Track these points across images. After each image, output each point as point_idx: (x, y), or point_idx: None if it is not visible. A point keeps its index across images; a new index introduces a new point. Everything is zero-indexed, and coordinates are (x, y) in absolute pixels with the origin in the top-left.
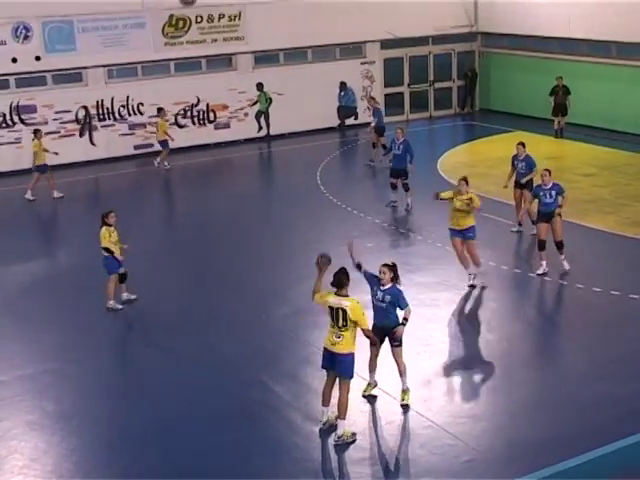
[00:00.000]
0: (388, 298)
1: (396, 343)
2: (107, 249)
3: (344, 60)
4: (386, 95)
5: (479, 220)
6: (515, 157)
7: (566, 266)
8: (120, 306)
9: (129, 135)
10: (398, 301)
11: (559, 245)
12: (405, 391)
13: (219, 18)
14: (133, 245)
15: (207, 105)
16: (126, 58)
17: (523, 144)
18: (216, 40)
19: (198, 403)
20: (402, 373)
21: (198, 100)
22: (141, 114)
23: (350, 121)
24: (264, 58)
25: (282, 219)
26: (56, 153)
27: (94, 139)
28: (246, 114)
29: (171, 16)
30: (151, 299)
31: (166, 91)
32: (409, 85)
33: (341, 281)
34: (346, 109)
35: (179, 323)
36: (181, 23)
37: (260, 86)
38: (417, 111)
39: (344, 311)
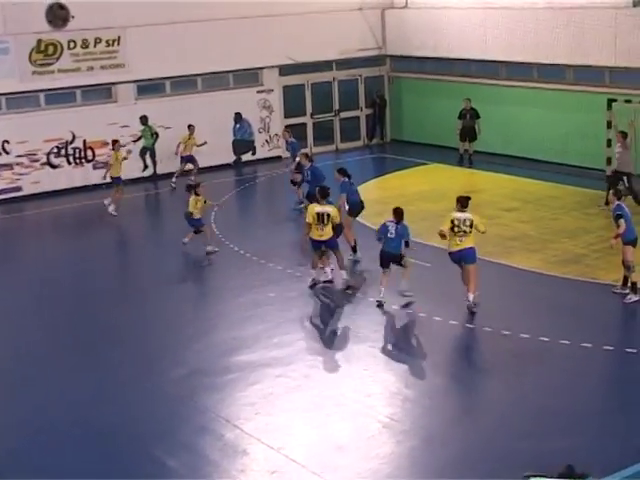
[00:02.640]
0: (394, 230)
1: (402, 264)
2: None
3: (239, 89)
4: (287, 127)
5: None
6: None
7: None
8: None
9: None
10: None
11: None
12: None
13: (95, 43)
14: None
15: (84, 142)
16: None
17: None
18: (92, 68)
19: None
20: (406, 276)
21: (73, 136)
22: (7, 153)
23: (247, 157)
24: (148, 88)
25: (172, 269)
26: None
27: None
28: (129, 151)
29: (39, 41)
30: (17, 364)
31: (36, 126)
32: (312, 115)
33: (323, 193)
34: (242, 143)
35: (52, 392)
36: (51, 49)
37: (144, 119)
38: (321, 144)
39: (328, 215)
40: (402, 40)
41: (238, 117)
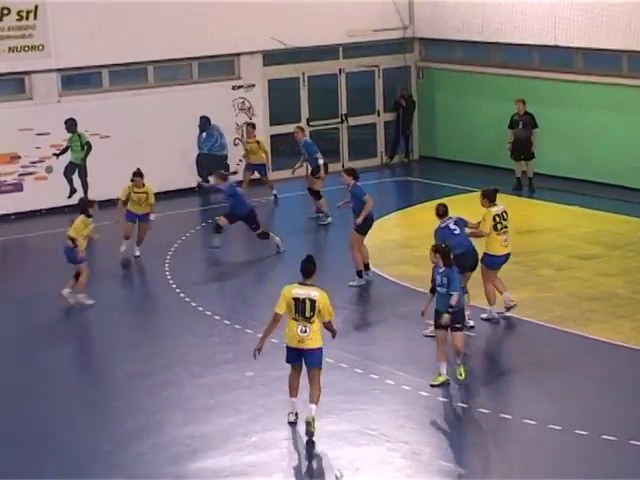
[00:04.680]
0: (445, 281)
1: (457, 327)
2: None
3: (206, 83)
4: (273, 137)
5: None
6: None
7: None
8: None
9: None
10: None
11: None
12: (460, 365)
13: (2, 15)
14: None
15: None
16: None
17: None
18: None
19: None
20: (460, 352)
21: None
22: None
23: None
24: (77, 80)
25: (105, 335)
26: None
27: None
28: (49, 169)
29: None
30: None
31: None
32: (309, 122)
33: (309, 270)
34: (210, 159)
35: None
36: None
37: (72, 124)
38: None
39: (312, 301)
40: (437, 18)
41: (205, 123)
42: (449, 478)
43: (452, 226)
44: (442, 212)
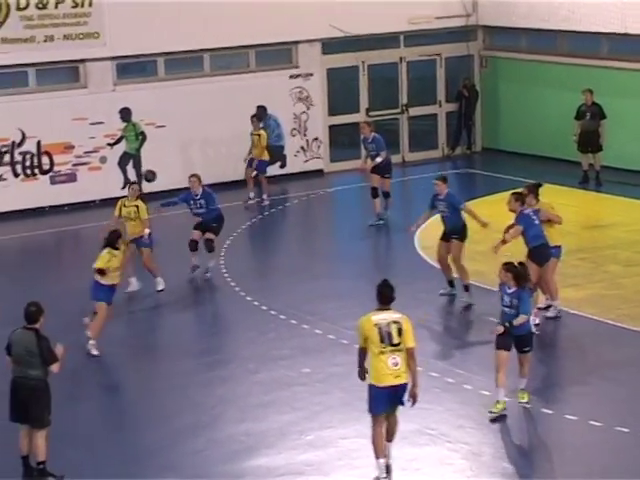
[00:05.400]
0: (515, 302)
1: (525, 350)
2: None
3: (263, 72)
4: (332, 128)
5: None
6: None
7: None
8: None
9: None
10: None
11: None
12: (523, 390)
13: (57, 2)
14: None
15: (38, 144)
16: None
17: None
18: (52, 38)
19: None
20: (525, 374)
21: (23, 136)
22: None
23: (274, 169)
24: (132, 68)
25: (160, 330)
26: None
27: None
28: (104, 159)
29: None
30: None
31: None
32: (369, 112)
33: (387, 295)
34: (267, 150)
35: None
36: None
37: (126, 114)
38: None
39: (398, 324)
40: (501, 5)
41: (262, 113)
42: (511, 479)
43: (533, 216)
44: (523, 198)
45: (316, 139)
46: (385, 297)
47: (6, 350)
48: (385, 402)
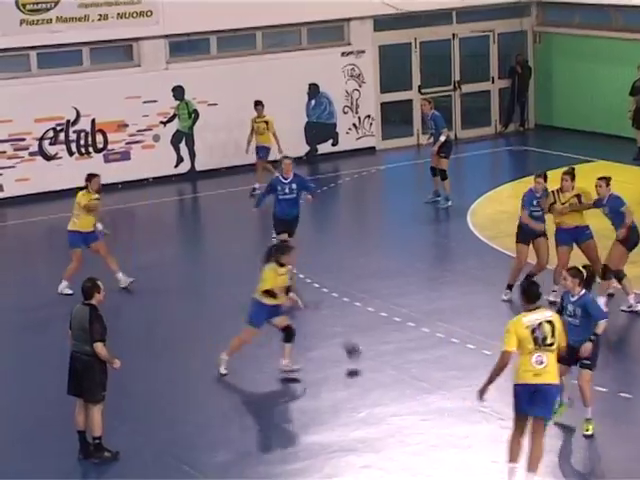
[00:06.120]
0: (579, 311)
1: (586, 363)
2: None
3: (315, 49)
4: (383, 105)
5: None
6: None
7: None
8: None
9: None
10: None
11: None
12: (589, 420)
13: None
14: None
15: (92, 123)
16: None
17: (607, 180)
18: (106, 17)
19: None
20: (588, 402)
21: (77, 115)
22: None
23: (326, 147)
24: (185, 46)
25: (219, 306)
26: None
27: None
28: (157, 137)
29: None
30: None
31: (24, 99)
32: (421, 89)
33: (535, 293)
34: (319, 128)
35: None
36: None
37: (179, 92)
38: None
39: (551, 323)
40: None
41: (314, 91)
42: (562, 456)
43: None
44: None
45: (368, 116)
46: (532, 296)
47: (69, 324)
48: (525, 402)
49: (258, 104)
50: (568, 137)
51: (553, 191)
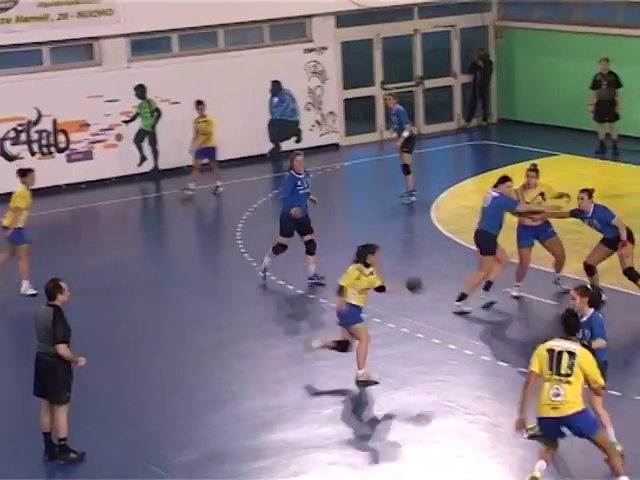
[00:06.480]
0: (588, 332)
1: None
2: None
3: (277, 46)
4: (346, 101)
5: None
6: (580, 212)
7: None
8: None
9: None
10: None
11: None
12: (613, 443)
13: None
14: None
15: (53, 123)
16: None
17: (589, 192)
18: (66, 16)
19: None
20: (605, 423)
21: (39, 115)
22: None
23: (289, 144)
24: (146, 45)
25: (177, 306)
26: None
27: None
28: (119, 137)
29: None
30: None
31: None
32: (384, 85)
33: (571, 325)
34: (282, 125)
35: None
36: None
37: (141, 91)
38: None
39: (572, 354)
40: None
41: (276, 88)
42: (530, 451)
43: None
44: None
45: (331, 113)
46: (570, 327)
47: (35, 325)
48: (551, 431)
49: (199, 104)
50: (531, 131)
51: (516, 190)
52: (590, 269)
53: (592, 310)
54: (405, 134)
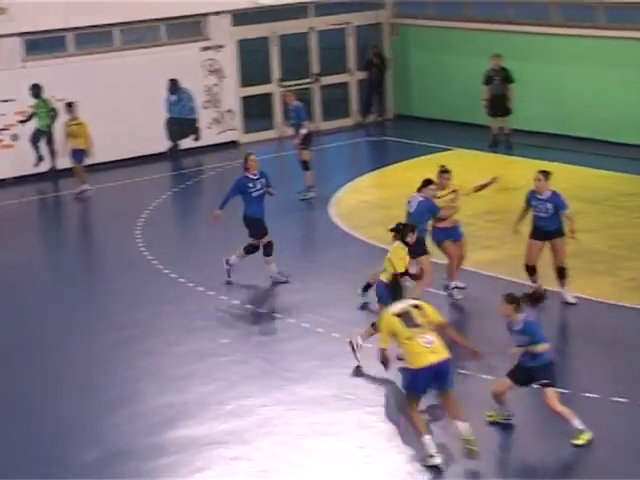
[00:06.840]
0: (526, 339)
1: (545, 382)
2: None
3: (174, 45)
4: (244, 99)
5: None
6: (533, 194)
7: (570, 299)
8: None
9: None
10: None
11: (560, 272)
12: (580, 430)
13: None
14: None
15: None
16: None
17: (545, 173)
18: None
19: None
20: (567, 417)
21: None
22: None
23: (188, 142)
24: (41, 44)
25: (80, 305)
26: None
27: None
28: (15, 137)
29: None
30: None
31: None
32: (281, 82)
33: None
34: (180, 123)
35: None
36: None
37: (37, 90)
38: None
39: (416, 307)
40: None
41: (173, 86)
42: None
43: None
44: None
45: (229, 111)
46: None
47: None
48: (422, 387)
49: (69, 106)
50: (426, 126)
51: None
52: (532, 269)
53: (523, 315)
54: (303, 131)
